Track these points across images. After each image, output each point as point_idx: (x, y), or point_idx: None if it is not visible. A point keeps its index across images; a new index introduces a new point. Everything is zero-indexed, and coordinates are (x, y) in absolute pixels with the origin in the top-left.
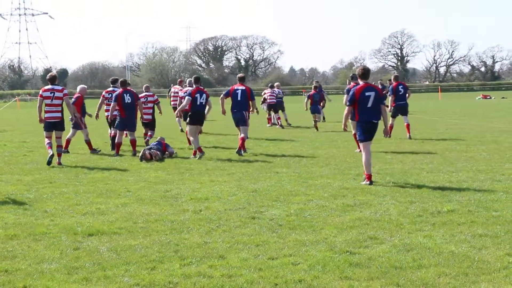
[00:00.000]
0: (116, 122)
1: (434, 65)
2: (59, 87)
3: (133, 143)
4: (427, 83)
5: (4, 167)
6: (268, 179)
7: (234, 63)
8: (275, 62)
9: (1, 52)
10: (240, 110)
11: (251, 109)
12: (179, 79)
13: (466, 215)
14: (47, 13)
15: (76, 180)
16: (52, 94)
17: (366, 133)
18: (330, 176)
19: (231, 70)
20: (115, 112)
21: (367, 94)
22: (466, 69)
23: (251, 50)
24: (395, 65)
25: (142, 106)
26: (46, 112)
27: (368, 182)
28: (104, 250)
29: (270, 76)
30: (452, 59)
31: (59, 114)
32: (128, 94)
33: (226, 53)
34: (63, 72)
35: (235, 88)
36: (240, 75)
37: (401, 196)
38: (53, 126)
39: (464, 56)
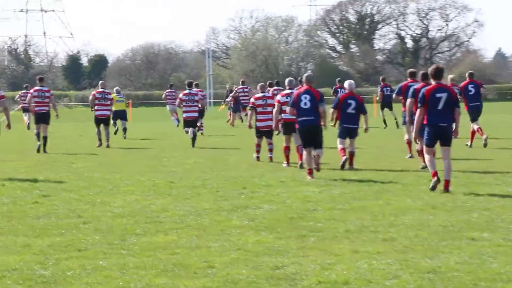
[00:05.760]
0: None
1: None
2: None
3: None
4: None
5: (2, 223)
6: (456, 250)
7: (394, 43)
8: (468, 41)
9: None
10: None
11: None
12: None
13: None
14: None
15: (121, 246)
16: None
17: (433, 138)
18: None
19: (388, 56)
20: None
21: (438, 95)
22: None
23: (425, 22)
24: None
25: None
26: None
27: (435, 180)
28: None
29: (458, 65)
30: None
31: None
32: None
33: (379, 27)
34: (100, 61)
35: (409, 84)
36: (411, 70)
37: None
38: None
39: None
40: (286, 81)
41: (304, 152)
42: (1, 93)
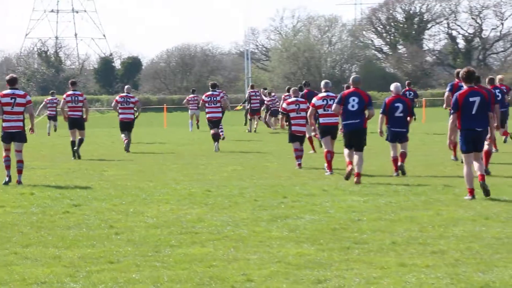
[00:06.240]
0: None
1: None
2: (21, 92)
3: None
4: None
5: (31, 233)
6: (511, 264)
7: (445, 44)
8: None
9: (27, 28)
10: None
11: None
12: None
13: None
14: None
15: (155, 258)
16: (13, 100)
17: (469, 143)
18: None
19: (438, 57)
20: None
21: (471, 99)
22: None
23: (478, 21)
24: None
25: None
26: (4, 121)
27: (470, 197)
28: None
29: None
30: None
31: (20, 124)
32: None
33: (429, 26)
34: (133, 63)
35: (459, 84)
36: (459, 70)
37: None
38: (12, 137)
39: None
40: (322, 83)
41: (346, 150)
42: (28, 98)
